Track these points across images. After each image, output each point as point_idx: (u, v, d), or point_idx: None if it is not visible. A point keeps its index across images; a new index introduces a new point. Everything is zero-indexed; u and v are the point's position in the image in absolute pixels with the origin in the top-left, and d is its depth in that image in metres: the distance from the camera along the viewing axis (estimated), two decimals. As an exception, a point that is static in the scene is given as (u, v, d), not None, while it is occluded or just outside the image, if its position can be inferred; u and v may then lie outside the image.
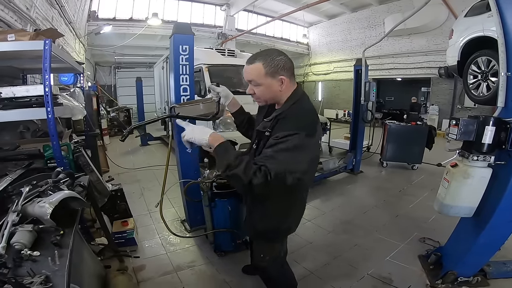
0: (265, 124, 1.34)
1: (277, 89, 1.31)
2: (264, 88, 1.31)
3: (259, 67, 1.28)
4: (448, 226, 2.38)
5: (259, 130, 1.36)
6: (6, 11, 2.92)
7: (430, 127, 5.43)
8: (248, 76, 1.33)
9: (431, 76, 10.21)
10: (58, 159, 2.07)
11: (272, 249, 1.64)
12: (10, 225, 1.14)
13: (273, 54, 1.31)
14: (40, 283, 0.89)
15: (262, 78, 1.29)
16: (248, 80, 1.34)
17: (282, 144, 1.18)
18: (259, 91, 1.33)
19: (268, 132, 1.29)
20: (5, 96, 1.96)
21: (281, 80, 1.30)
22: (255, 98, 1.39)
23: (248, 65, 1.32)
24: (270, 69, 1.27)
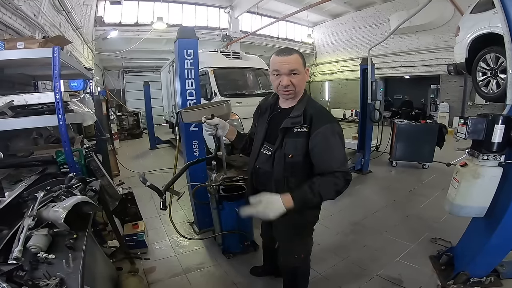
0: (294, 120, 1.41)
1: (305, 78, 1.45)
2: (301, 77, 1.41)
3: (298, 57, 1.38)
4: (460, 226, 2.34)
5: (285, 127, 1.43)
6: (14, 18, 3.00)
7: (440, 125, 5.34)
8: (292, 66, 1.37)
9: (440, 73, 10.02)
10: (70, 165, 2.12)
11: (306, 245, 1.70)
12: (26, 229, 1.18)
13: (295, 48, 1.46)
14: (55, 285, 0.92)
15: (302, 67, 1.40)
16: (290, 69, 1.37)
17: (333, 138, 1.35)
18: (298, 80, 1.40)
19: (303, 128, 1.39)
20: (17, 103, 2.01)
21: (307, 70, 1.45)
22: (290, 90, 1.41)
23: (288, 56, 1.37)
24: (303, 60, 1.41)
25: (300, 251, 1.67)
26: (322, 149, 1.35)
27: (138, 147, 8.73)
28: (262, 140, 1.57)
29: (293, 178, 1.45)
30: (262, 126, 1.60)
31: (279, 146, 1.47)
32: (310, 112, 1.41)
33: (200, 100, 2.84)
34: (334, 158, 1.34)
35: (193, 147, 2.84)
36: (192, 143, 2.83)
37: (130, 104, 12.85)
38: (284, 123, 1.43)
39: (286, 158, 1.44)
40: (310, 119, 1.39)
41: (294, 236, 1.62)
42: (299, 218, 1.51)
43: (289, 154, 1.43)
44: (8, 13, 2.83)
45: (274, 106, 1.59)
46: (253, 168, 1.62)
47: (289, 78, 1.38)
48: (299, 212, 1.42)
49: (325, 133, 1.35)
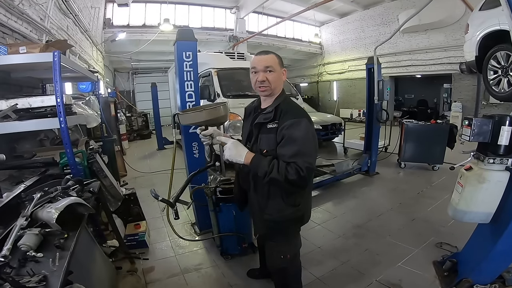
0: (266, 116, 1.50)
1: (282, 78, 1.55)
2: (276, 75, 1.50)
3: (274, 57, 1.50)
4: (468, 231, 2.25)
5: (260, 122, 1.52)
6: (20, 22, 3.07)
7: (451, 126, 5.18)
8: (267, 63, 1.48)
9: (452, 72, 9.75)
10: (72, 166, 2.16)
11: (290, 246, 1.70)
12: (18, 228, 1.22)
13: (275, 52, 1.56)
14: (36, 282, 0.95)
15: (277, 65, 1.50)
16: (265, 66, 1.47)
17: (296, 131, 1.38)
18: (272, 77, 1.48)
19: (274, 124, 1.45)
20: (21, 107, 2.07)
21: (284, 72, 1.56)
22: (265, 86, 1.49)
23: (264, 55, 1.50)
24: (279, 60, 1.52)
25: (285, 252, 1.66)
26: (285, 141, 1.39)
27: (147, 147, 8.87)
28: (245, 140, 1.66)
29: None
30: (246, 128, 1.69)
31: (254, 141, 1.55)
32: (282, 108, 1.49)
33: (200, 102, 2.85)
34: (292, 149, 1.35)
35: (193, 149, 2.85)
36: (191, 145, 2.84)
37: (139, 105, 13.07)
38: (258, 118, 1.54)
39: (262, 154, 1.48)
40: (280, 115, 1.47)
41: (276, 235, 1.63)
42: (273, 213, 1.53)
43: (263, 149, 1.48)
44: (13, 17, 2.90)
45: (257, 108, 1.66)
46: (238, 167, 1.70)
47: (264, 74, 1.47)
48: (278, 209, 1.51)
49: (289, 127, 1.39)
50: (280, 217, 1.54)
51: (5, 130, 2.00)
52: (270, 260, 1.77)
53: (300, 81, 16.29)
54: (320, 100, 15.57)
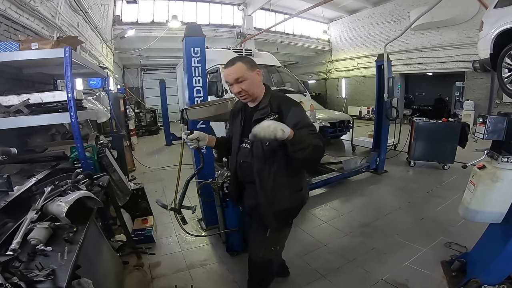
0: (262, 111, 1.54)
1: (258, 80, 1.56)
2: (250, 81, 1.52)
3: (241, 65, 1.50)
4: (478, 231, 2.21)
5: (258, 118, 1.52)
6: (32, 19, 3.13)
7: (463, 124, 5.06)
8: (235, 75, 1.49)
9: (465, 70, 9.51)
10: (82, 160, 2.19)
11: (283, 237, 1.76)
12: (28, 222, 1.23)
13: (243, 56, 1.60)
14: (44, 276, 0.95)
15: (246, 72, 1.50)
16: (234, 79, 1.50)
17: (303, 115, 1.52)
18: (246, 85, 1.51)
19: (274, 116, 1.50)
20: (33, 102, 2.10)
21: (258, 72, 1.56)
22: (243, 94, 1.54)
23: (230, 67, 1.50)
24: (249, 64, 1.52)
25: (276, 243, 1.72)
26: (301, 124, 1.44)
27: (155, 143, 8.97)
28: (239, 137, 1.68)
29: (274, 163, 1.54)
30: (237, 127, 1.71)
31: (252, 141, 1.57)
32: (276, 101, 1.56)
33: (208, 97, 2.85)
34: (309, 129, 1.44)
35: (200, 144, 2.85)
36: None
37: (148, 101, 13.21)
38: (255, 116, 1.56)
39: (264, 146, 1.53)
40: (278, 107, 1.53)
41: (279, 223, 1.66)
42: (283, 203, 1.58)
43: (265, 142, 1.50)
44: (25, 14, 2.96)
45: (245, 108, 1.69)
46: (236, 163, 1.72)
47: (238, 85, 1.51)
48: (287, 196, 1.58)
49: (299, 113, 1.51)
50: (289, 205, 1.60)
51: (18, 124, 2.05)
52: (259, 252, 1.74)
53: (308, 78, 16.16)
54: (328, 97, 15.42)
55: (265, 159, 1.55)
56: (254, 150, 1.58)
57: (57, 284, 0.96)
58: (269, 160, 1.55)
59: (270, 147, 1.51)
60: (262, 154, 1.55)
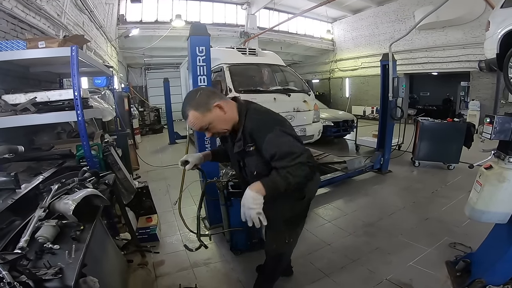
0: (238, 144, 1.47)
1: (222, 115, 1.42)
2: (215, 124, 1.42)
3: (193, 114, 1.39)
4: (483, 231, 2.20)
5: (238, 151, 1.49)
6: (38, 18, 3.16)
7: (469, 124, 5.02)
8: (196, 127, 1.43)
9: (470, 70, 9.44)
10: (88, 158, 2.20)
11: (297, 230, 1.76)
12: (36, 220, 1.23)
13: (191, 97, 1.44)
14: (53, 275, 0.95)
15: (204, 119, 1.39)
16: (198, 129, 1.44)
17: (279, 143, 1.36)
18: (213, 128, 1.44)
19: (251, 147, 1.44)
20: (40, 100, 2.12)
21: (218, 106, 1.40)
22: (219, 136, 1.54)
23: (187, 120, 1.42)
24: (201, 109, 1.38)
25: (290, 236, 1.72)
26: (279, 155, 1.35)
27: (158, 142, 9.01)
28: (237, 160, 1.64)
29: None
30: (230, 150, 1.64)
31: (243, 166, 1.59)
32: (248, 130, 1.43)
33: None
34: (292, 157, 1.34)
35: (205, 143, 2.86)
36: (204, 139, 2.86)
37: (152, 100, 13.27)
38: (235, 148, 1.50)
39: (253, 175, 1.51)
40: (251, 136, 1.42)
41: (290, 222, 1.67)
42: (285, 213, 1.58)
43: (253, 171, 1.51)
44: (31, 13, 2.98)
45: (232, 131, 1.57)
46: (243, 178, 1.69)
47: (207, 133, 1.47)
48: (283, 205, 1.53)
49: (272, 142, 1.36)
50: (291, 213, 1.59)
51: (24, 122, 2.07)
52: (273, 244, 1.77)
53: (311, 78, 16.12)
54: (332, 97, 15.38)
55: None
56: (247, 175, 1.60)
57: (65, 282, 0.96)
58: None
59: (258, 176, 1.47)
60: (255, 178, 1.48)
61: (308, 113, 5.10)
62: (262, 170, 1.46)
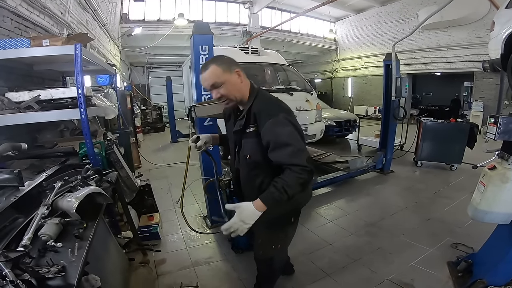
0: (240, 122, 1.45)
1: (238, 82, 1.41)
2: (228, 85, 1.38)
3: (215, 68, 1.37)
4: (485, 232, 2.19)
5: (237, 130, 1.47)
6: (42, 16, 3.16)
7: (472, 125, 4.99)
8: (209, 81, 1.38)
9: (474, 70, 9.39)
10: (91, 156, 2.21)
11: (285, 237, 1.69)
12: (39, 217, 1.23)
13: (216, 57, 1.47)
14: (55, 273, 0.94)
15: (222, 76, 1.36)
16: (210, 85, 1.39)
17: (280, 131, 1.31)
18: (224, 90, 1.39)
19: (252, 128, 1.40)
20: (44, 98, 2.13)
21: (237, 73, 1.41)
22: (224, 100, 1.44)
23: (204, 73, 1.38)
24: (225, 65, 1.38)
25: (278, 241, 1.67)
26: (273, 144, 1.32)
27: (160, 140, 9.03)
28: (234, 143, 1.60)
29: (258, 176, 1.47)
30: (230, 128, 1.62)
31: (239, 148, 1.53)
32: (254, 110, 1.41)
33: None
34: (286, 152, 1.30)
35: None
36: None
37: (154, 98, 13.30)
38: (235, 126, 1.49)
39: (246, 160, 1.47)
40: (255, 117, 1.39)
41: (273, 227, 1.61)
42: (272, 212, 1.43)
43: (246, 155, 1.46)
44: (35, 11, 2.99)
45: (237, 110, 1.58)
46: (235, 171, 1.67)
47: (216, 91, 1.40)
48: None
49: (271, 128, 1.32)
50: (278, 214, 1.51)
51: (28, 120, 2.07)
52: (260, 250, 1.75)
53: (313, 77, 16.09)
54: (334, 97, 15.34)
55: (249, 171, 1.51)
56: (240, 160, 1.54)
57: (67, 281, 0.96)
58: (252, 172, 1.49)
59: (251, 161, 1.46)
60: (245, 166, 1.51)
61: (311, 113, 5.10)
62: (256, 157, 1.43)
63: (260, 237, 1.69)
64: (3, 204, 1.33)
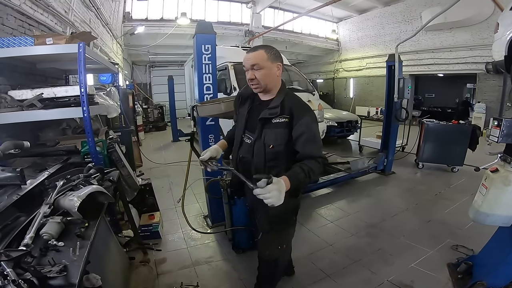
0: (272, 111, 1.49)
1: (275, 73, 1.50)
2: (265, 71, 1.45)
3: (262, 53, 1.45)
4: (485, 234, 2.19)
5: (264, 117, 1.50)
6: (46, 15, 3.16)
7: (474, 127, 4.97)
8: (252, 61, 1.44)
9: (477, 71, 9.35)
10: (93, 155, 2.21)
11: (288, 236, 1.76)
12: (41, 216, 1.22)
13: (269, 46, 1.54)
14: (57, 272, 0.93)
15: (265, 61, 1.44)
16: (251, 65, 1.45)
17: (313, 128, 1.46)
18: (261, 74, 1.45)
19: (283, 119, 1.47)
20: (46, 96, 2.13)
21: (278, 66, 1.50)
22: (255, 83, 1.49)
23: (251, 53, 1.47)
24: (271, 55, 1.46)
25: (283, 242, 1.73)
26: (307, 138, 1.43)
27: (162, 139, 9.05)
28: (243, 128, 1.64)
29: (275, 167, 1.50)
30: (242, 115, 1.66)
31: (258, 136, 1.53)
32: (289, 104, 1.49)
33: (217, 94, 2.86)
34: (316, 146, 1.46)
35: (209, 141, 2.87)
36: (208, 137, 2.87)
37: (156, 97, 13.31)
38: (262, 113, 1.51)
39: (266, 149, 1.50)
40: (290, 110, 1.47)
41: (277, 227, 1.66)
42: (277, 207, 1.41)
43: (269, 144, 1.50)
44: (39, 9, 2.99)
45: (254, 97, 1.65)
46: (237, 156, 1.67)
47: (252, 72, 1.46)
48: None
49: (308, 123, 1.45)
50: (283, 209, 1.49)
51: (31, 118, 2.08)
52: (266, 250, 1.79)
53: (315, 77, 16.07)
54: (336, 97, 15.32)
55: (266, 161, 1.51)
56: (255, 149, 1.54)
57: (69, 280, 0.95)
58: (270, 163, 1.51)
59: (273, 150, 1.49)
60: (263, 156, 1.52)
61: (312, 113, 5.09)
62: (279, 148, 1.49)
63: (266, 238, 1.74)
64: (5, 203, 1.32)
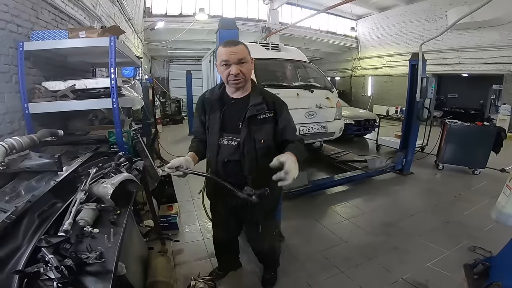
0: (258, 107, 1.52)
1: (252, 67, 1.53)
2: (249, 66, 1.49)
3: (244, 47, 1.47)
4: (505, 237, 2.13)
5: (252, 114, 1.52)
6: (76, 9, 3.28)
7: (499, 129, 4.79)
8: (240, 55, 1.43)
9: (504, 72, 8.93)
10: (120, 145, 2.32)
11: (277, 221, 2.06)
12: (78, 203, 1.29)
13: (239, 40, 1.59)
14: (95, 258, 0.95)
15: (248, 55, 1.48)
16: (239, 59, 1.43)
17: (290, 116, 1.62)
18: (246, 69, 1.47)
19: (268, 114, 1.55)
20: (78, 87, 2.25)
21: (252, 61, 1.52)
22: (239, 79, 1.47)
23: (233, 46, 1.44)
24: (248, 50, 1.49)
25: (275, 227, 2.01)
26: (289, 127, 1.59)
27: (179, 132, 9.23)
28: (218, 132, 1.57)
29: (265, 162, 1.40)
30: (215, 119, 1.58)
31: (246, 135, 1.53)
32: (270, 99, 1.57)
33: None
34: (295, 131, 1.62)
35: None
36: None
37: (173, 91, 13.55)
38: (250, 111, 1.51)
39: (257, 144, 1.54)
40: (273, 106, 1.56)
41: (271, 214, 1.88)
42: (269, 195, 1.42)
43: (260, 139, 1.54)
44: (70, 4, 3.11)
45: (224, 98, 1.59)
46: (217, 162, 1.62)
47: (238, 67, 1.43)
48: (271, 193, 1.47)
49: (287, 114, 1.60)
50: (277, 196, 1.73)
51: (64, 108, 2.21)
52: (266, 239, 1.92)
53: (332, 75, 15.82)
54: (353, 95, 15.04)
55: (258, 157, 1.54)
56: (246, 148, 1.52)
57: (106, 267, 0.97)
58: (262, 158, 1.51)
59: (264, 145, 1.54)
60: (254, 153, 1.54)
61: (330, 110, 5.04)
62: (269, 141, 1.57)
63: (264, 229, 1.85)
64: (43, 188, 1.38)
